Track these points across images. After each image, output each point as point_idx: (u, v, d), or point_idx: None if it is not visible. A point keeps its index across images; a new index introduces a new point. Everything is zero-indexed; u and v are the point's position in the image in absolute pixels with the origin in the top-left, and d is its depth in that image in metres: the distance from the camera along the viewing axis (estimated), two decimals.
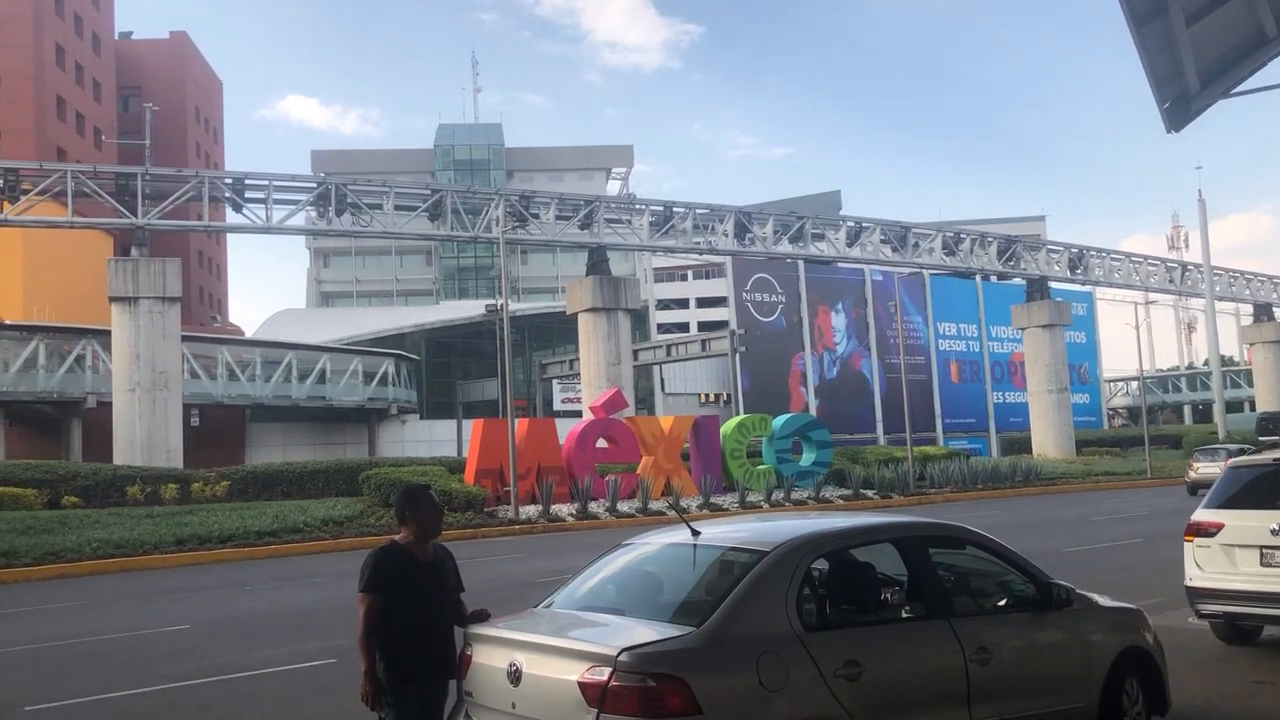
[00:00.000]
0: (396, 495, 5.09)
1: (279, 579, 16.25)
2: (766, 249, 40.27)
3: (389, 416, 49.94)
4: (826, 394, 54.40)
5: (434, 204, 34.83)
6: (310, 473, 28.37)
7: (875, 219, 42.88)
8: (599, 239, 37.03)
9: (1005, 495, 32.12)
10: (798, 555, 4.76)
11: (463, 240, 39.24)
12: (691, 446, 29.92)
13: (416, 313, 62.72)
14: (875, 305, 56.30)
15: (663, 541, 5.36)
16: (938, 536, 5.54)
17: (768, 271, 53.44)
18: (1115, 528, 20.06)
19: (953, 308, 60.18)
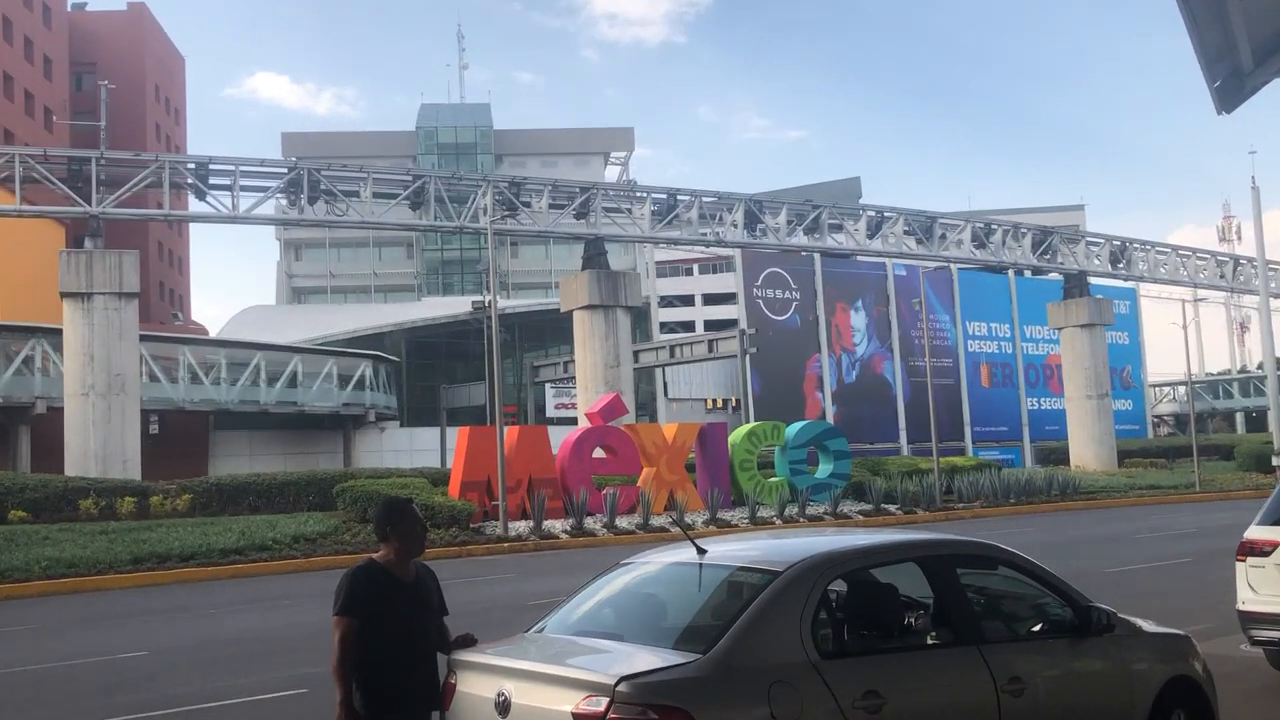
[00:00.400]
0: (375, 509, 5.09)
1: (246, 601, 16.25)
2: (779, 241, 40.30)
3: (366, 424, 49.97)
4: (845, 400, 54.42)
5: (416, 191, 34.86)
6: (280, 485, 28.38)
7: (898, 208, 42.90)
8: (596, 230, 37.06)
9: (1040, 510, 32.13)
10: (813, 576, 4.76)
11: (447, 231, 39.18)
12: (697, 457, 29.93)
13: (397, 310, 62.78)
14: (898, 302, 56.33)
15: (665, 560, 5.36)
16: (967, 555, 5.54)
17: (781, 265, 53.47)
18: (1160, 546, 20.06)
19: (983, 305, 60.21)
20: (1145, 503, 34.73)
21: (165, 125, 70.75)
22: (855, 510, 29.57)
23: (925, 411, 36.28)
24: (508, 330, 55.85)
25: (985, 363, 60.06)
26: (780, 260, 52.84)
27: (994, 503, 32.28)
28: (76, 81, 64.42)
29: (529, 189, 36.76)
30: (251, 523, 24.04)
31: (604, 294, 35.84)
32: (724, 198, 39.50)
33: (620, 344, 36.08)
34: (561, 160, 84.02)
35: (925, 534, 5.77)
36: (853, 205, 47.80)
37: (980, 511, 31.04)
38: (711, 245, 42.58)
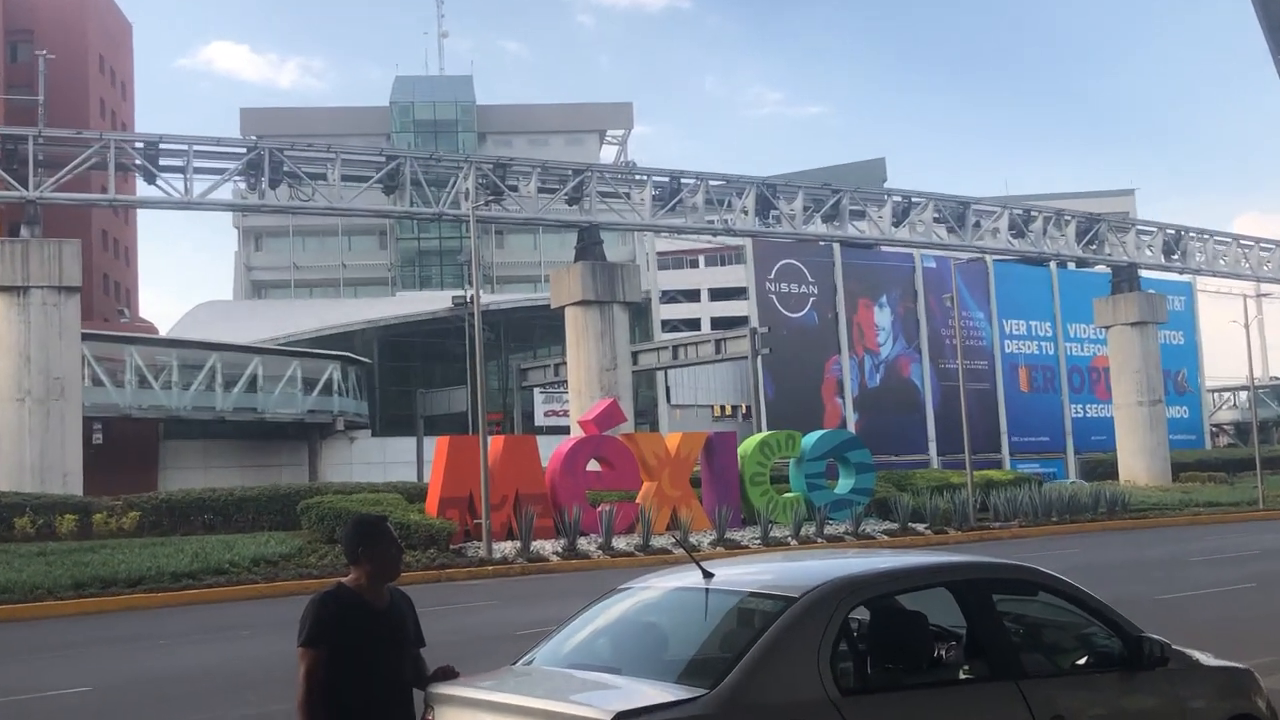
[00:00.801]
0: (344, 528, 5.09)
1: (201, 631, 16.25)
2: (795, 229, 40.34)
3: (334, 433, 49.99)
4: (868, 406, 54.45)
5: (390, 174, 34.89)
6: (238, 501, 28.37)
7: (928, 193, 42.95)
8: (591, 217, 37.09)
9: (1085, 530, 32.15)
10: (833, 602, 4.76)
11: (425, 218, 39.19)
12: (703, 470, 29.92)
13: (368, 306, 62.82)
14: (927, 298, 56.38)
15: (668, 585, 5.36)
16: (1004, 580, 5.54)
17: (796, 256, 53.51)
18: (1220, 570, 20.06)
19: (1022, 301, 60.27)
20: (1202, 521, 34.74)
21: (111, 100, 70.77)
22: (879, 530, 29.56)
23: (957, 420, 36.31)
24: (492, 329, 55.86)
25: (1024, 365, 60.10)
26: (796, 251, 52.89)
27: (1034, 521, 32.29)
28: (11, 52, 64.45)
29: (516, 171, 36.78)
30: (206, 543, 24.03)
31: (599, 288, 35.86)
32: (733, 181, 39.52)
33: (617, 344, 36.09)
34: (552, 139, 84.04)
35: (957, 556, 5.77)
36: (877, 189, 47.80)
37: (1019, 531, 31.03)
38: (719, 234, 42.56)
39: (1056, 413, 60.25)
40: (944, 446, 53.86)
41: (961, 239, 43.43)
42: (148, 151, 32.73)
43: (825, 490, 30.87)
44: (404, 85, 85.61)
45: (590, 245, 36.89)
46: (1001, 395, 58.19)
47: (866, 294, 55.88)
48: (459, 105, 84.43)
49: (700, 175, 38.73)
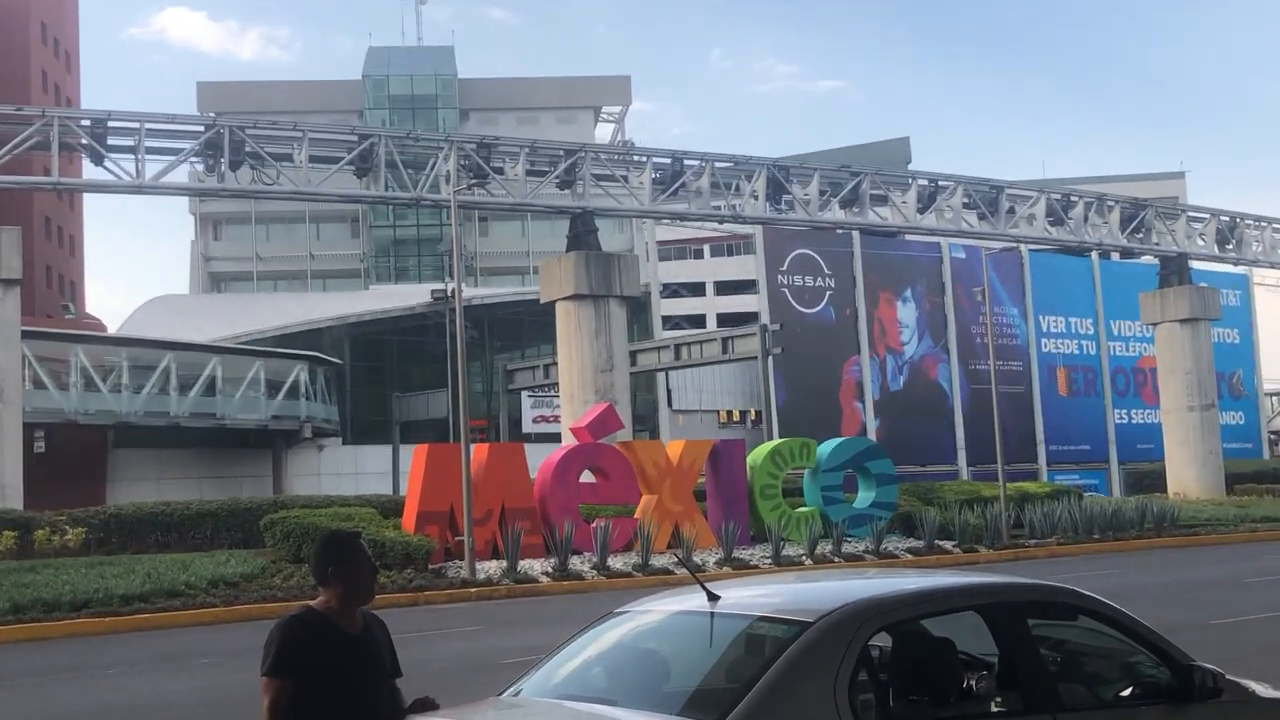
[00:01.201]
0: (313, 546, 5.10)
1: (154, 659, 16.25)
2: (810, 216, 40.36)
3: (301, 441, 50.00)
4: (891, 411, 54.48)
5: (362, 154, 34.89)
6: (195, 516, 28.36)
7: (956, 175, 42.96)
8: (584, 202, 37.09)
9: (1131, 548, 32.17)
10: (851, 627, 4.77)
11: (401, 203, 39.15)
12: (708, 481, 29.91)
13: (339, 301, 62.86)
14: (956, 292, 56.39)
15: (669, 609, 5.37)
16: (1040, 603, 5.55)
17: (812, 246, 53.54)
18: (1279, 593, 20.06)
19: (1060, 296, 60.28)
20: (1260, 539, 34.74)
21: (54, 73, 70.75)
22: (903, 548, 29.57)
23: (989, 426, 36.27)
24: (476, 326, 55.87)
25: (1063, 366, 60.09)
26: (811, 240, 52.90)
27: (1073, 538, 32.29)
28: None
29: (502, 151, 36.78)
30: (159, 563, 24.01)
31: (594, 281, 35.86)
32: (742, 163, 39.52)
33: (614, 343, 36.09)
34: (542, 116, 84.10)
35: (989, 576, 5.78)
36: (900, 172, 47.79)
37: (1056, 550, 31.03)
38: (726, 221, 42.54)
39: (1098, 419, 60.24)
40: (974, 456, 53.85)
41: (994, 227, 43.43)
42: (95, 130, 32.70)
43: (843, 504, 30.85)
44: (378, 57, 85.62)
45: (584, 234, 36.88)
46: (1038, 399, 58.19)
47: (889, 287, 55.88)
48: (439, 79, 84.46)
49: (705, 156, 38.73)
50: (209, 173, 34.43)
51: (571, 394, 35.92)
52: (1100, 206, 46.57)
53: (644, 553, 26.11)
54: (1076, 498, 35.66)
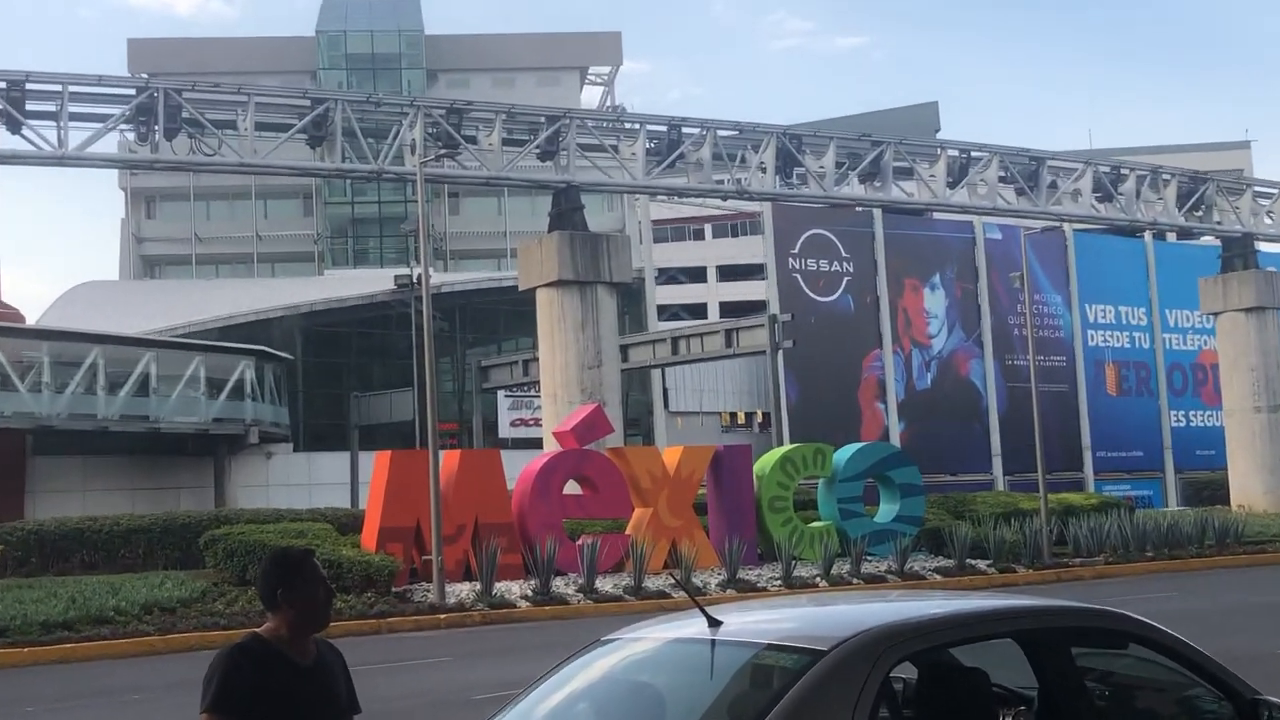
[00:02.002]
0: (260, 566, 5.09)
1: (80, 695, 16.22)
2: (825, 190, 40.39)
3: (247, 447, 49.92)
4: (917, 413, 54.54)
5: (316, 121, 34.85)
6: (126, 533, 28.33)
7: (991, 145, 43.00)
8: (569, 175, 37.08)
9: (1189, 568, 32.28)
10: (870, 657, 4.77)
11: (360, 177, 39.11)
12: (710, 493, 29.93)
13: (290, 288, 62.76)
14: (991, 277, 56.47)
15: (665, 636, 5.37)
16: (1086, 629, 5.55)
17: (827, 226, 53.56)
18: None
19: (1110, 281, 60.36)
20: None
21: None
22: (931, 567, 29.62)
23: (1028, 430, 36.30)
24: (445, 316, 55.81)
25: (1112, 362, 60.20)
26: (827, 219, 52.92)
27: (1124, 556, 32.38)
28: None
29: (475, 118, 36.76)
30: (86, 585, 23.99)
31: (580, 265, 35.86)
32: (748, 131, 39.53)
33: (603, 335, 36.09)
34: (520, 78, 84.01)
35: (1027, 599, 5.78)
36: (928, 141, 47.82)
37: (1105, 569, 31.12)
38: (730, 198, 42.54)
39: (1152, 421, 60.34)
40: (1012, 463, 53.94)
41: (1034, 203, 43.48)
42: (10, 93, 32.59)
43: (863, 519, 30.89)
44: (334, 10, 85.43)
45: (568, 211, 36.87)
46: (1083, 399, 58.27)
47: (915, 272, 55.91)
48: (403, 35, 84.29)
49: (706, 123, 38.73)
50: (141, 142, 34.35)
51: (554, 394, 35.90)
52: (1155, 180, 46.63)
53: (637, 574, 26.11)
54: (1127, 511, 35.72)
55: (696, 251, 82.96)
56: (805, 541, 29.47)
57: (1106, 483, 55.35)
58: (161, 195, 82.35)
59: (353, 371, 58.20)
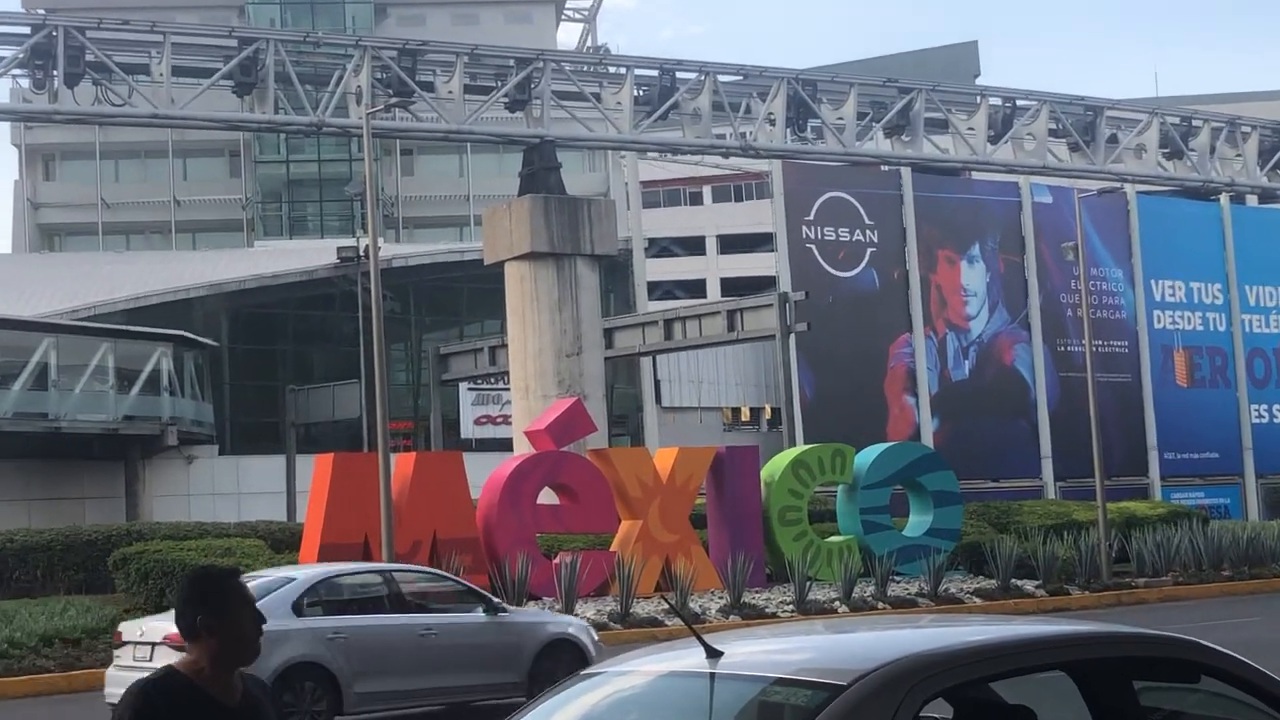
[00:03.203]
0: (179, 588, 5.08)
1: None
2: (845, 146, 40.39)
3: (164, 449, 49.84)
4: (953, 408, 54.59)
5: (244, 65, 34.75)
6: (21, 550, 28.28)
7: (1040, 93, 43.06)
8: (543, 129, 37.02)
9: (1272, 588, 32.29)
10: (897, 692, 4.76)
11: (297, 131, 39.00)
12: (710, 502, 29.94)
13: (214, 262, 62.60)
14: (1040, 248, 56.48)
15: (655, 670, 5.36)
16: (1149, 659, 5.54)
17: (847, 188, 53.54)
18: None
19: (1179, 253, 60.36)
20: None
21: None
22: (970, 589, 29.64)
23: (1084, 428, 36.28)
24: (398, 296, 55.70)
25: (1182, 347, 60.23)
26: (847, 180, 52.91)
27: (1196, 576, 32.44)
28: None
29: (432, 61, 36.68)
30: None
31: (556, 234, 35.82)
32: (754, 76, 39.52)
33: (583, 317, 36.08)
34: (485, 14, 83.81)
35: (1082, 624, 5.79)
36: (966, 88, 47.83)
37: (1173, 590, 31.20)
38: (734, 155, 42.54)
39: (1229, 417, 60.38)
40: (1064, 467, 53.99)
41: (1090, 161, 43.54)
42: None
43: (890, 532, 30.91)
44: None
45: (542, 171, 36.82)
46: (1149, 391, 58.31)
47: (950, 243, 55.90)
48: None
49: (705, 67, 38.71)
50: (38, 90, 34.25)
51: (526, 386, 35.90)
52: (1232, 134, 46.71)
53: (624, 598, 26.11)
54: (1200, 522, 35.79)
55: (693, 218, 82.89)
56: (822, 559, 29.47)
57: (1176, 489, 55.43)
58: (62, 153, 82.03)
59: (289, 361, 58.06)
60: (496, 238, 37.00)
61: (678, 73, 38.38)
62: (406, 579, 18.60)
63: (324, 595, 17.22)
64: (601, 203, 39.04)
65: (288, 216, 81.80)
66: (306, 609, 16.61)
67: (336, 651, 16.12)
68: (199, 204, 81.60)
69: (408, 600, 17.78)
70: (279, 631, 14.93)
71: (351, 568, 19.85)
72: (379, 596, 17.80)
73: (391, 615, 17.36)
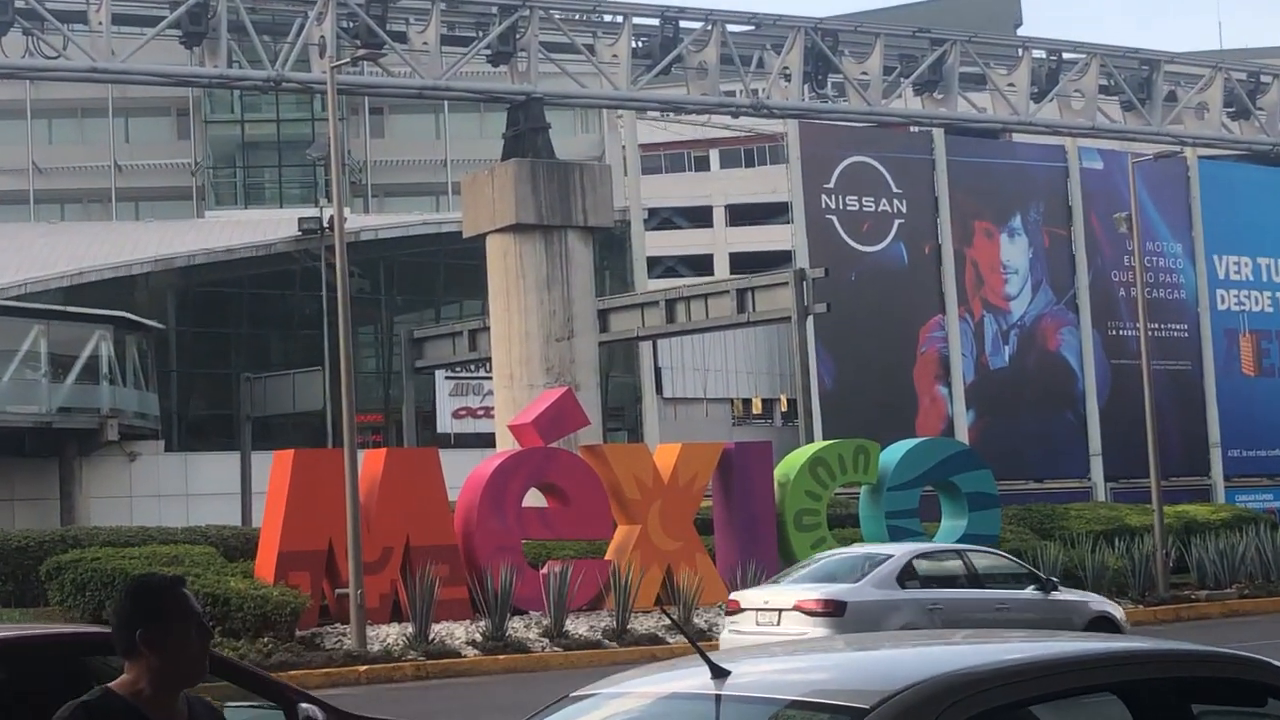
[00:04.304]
0: (116, 599, 5.06)
1: None
2: (870, 104, 40.34)
3: (103, 445, 49.83)
4: (991, 400, 54.59)
5: (193, 13, 34.68)
6: None
7: (1088, 44, 43.00)
8: (530, 85, 36.98)
9: None
10: (926, 716, 4.76)
11: (252, 87, 38.90)
12: (717, 505, 29.96)
13: (160, 235, 62.55)
14: (1089, 220, 56.45)
15: (655, 691, 5.36)
16: (1210, 680, 5.53)
17: (872, 152, 53.50)
18: None
19: (1246, 225, 60.36)
20: None
21: None
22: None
23: (1138, 422, 36.28)
24: (366, 272, 55.68)
25: (1249, 332, 60.25)
26: (871, 142, 52.88)
27: (1264, 588, 32.57)
28: None
29: (404, 8, 36.64)
30: None
31: (545, 204, 35.80)
32: (767, 25, 39.47)
33: (575, 297, 36.07)
34: None
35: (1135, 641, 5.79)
36: (1006, 39, 47.74)
37: (1237, 604, 31.31)
38: (744, 114, 42.50)
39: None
40: (1115, 466, 54.03)
41: (1146, 121, 43.49)
42: None
43: (920, 538, 30.90)
44: None
45: (529, 133, 36.79)
46: (1211, 381, 58.30)
47: (988, 213, 55.87)
48: None
49: (712, 15, 38.64)
50: None
51: (510, 374, 35.89)
52: None
53: (620, 612, 26.13)
54: (1269, 528, 35.79)
55: (699, 186, 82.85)
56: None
57: (1241, 491, 55.46)
58: None
59: (243, 345, 58.03)
60: (477, 207, 36.95)
61: (681, 22, 38.31)
62: (977, 558, 22.87)
63: (918, 570, 21.41)
64: (595, 168, 38.96)
65: (242, 183, 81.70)
66: (906, 582, 20.78)
67: (935, 621, 19.60)
68: (143, 169, 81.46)
69: (980, 577, 21.94)
70: (889, 601, 20.16)
71: (933, 547, 25.56)
72: (958, 574, 22.02)
73: (970, 590, 21.56)
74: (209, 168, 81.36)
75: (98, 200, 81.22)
